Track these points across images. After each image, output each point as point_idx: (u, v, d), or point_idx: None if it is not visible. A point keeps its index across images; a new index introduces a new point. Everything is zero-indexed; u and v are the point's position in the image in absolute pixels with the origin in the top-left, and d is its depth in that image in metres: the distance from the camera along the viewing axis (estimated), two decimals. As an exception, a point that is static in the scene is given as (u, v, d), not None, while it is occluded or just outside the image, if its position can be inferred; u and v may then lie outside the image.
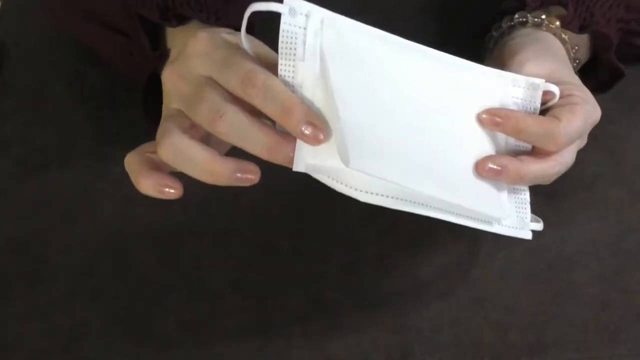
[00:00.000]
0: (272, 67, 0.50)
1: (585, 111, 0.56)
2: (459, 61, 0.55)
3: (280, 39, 0.49)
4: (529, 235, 0.57)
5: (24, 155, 0.69)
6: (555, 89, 0.56)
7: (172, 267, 0.62)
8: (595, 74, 0.66)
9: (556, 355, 0.58)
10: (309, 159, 0.49)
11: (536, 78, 0.56)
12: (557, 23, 0.63)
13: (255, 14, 0.49)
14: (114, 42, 0.63)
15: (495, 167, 0.53)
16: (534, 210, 0.58)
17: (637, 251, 0.62)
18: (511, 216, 0.56)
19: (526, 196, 0.57)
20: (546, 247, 0.62)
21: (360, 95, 0.50)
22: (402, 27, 0.54)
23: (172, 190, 0.49)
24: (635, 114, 0.69)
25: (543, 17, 0.63)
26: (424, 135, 0.52)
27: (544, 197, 0.62)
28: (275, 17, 0.49)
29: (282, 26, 0.49)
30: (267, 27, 0.52)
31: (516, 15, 0.64)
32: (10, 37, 0.76)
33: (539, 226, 0.58)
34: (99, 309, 0.61)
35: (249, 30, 0.51)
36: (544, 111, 0.56)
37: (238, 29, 0.51)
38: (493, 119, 0.54)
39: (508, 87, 0.56)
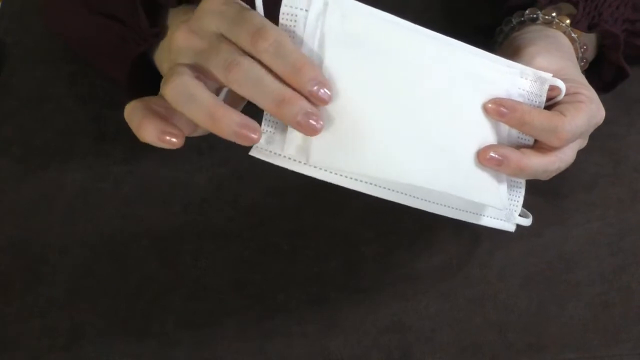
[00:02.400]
0: None
1: (589, 110, 0.56)
2: (469, 48, 0.54)
3: (280, 21, 0.48)
4: (512, 228, 0.57)
5: (24, 155, 0.69)
6: (561, 84, 0.56)
7: (172, 267, 0.62)
8: (599, 74, 0.67)
9: (556, 355, 0.58)
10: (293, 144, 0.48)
11: (544, 72, 0.56)
12: (567, 21, 0.63)
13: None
14: (107, 30, 0.63)
15: (496, 156, 0.53)
16: (535, 210, 0.58)
17: (637, 251, 0.62)
18: (503, 208, 0.56)
19: (521, 190, 0.57)
20: (546, 247, 0.62)
21: (354, 85, 0.49)
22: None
23: (174, 139, 0.48)
24: (635, 114, 0.69)
25: (554, 14, 0.63)
26: (425, 123, 0.51)
27: (544, 197, 0.62)
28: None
29: (283, 8, 0.48)
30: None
31: (527, 12, 0.64)
32: (10, 37, 0.76)
33: (526, 221, 0.58)
34: (99, 309, 0.61)
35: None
36: (548, 107, 0.56)
37: None
38: (499, 109, 0.54)
39: (515, 78, 0.55)
